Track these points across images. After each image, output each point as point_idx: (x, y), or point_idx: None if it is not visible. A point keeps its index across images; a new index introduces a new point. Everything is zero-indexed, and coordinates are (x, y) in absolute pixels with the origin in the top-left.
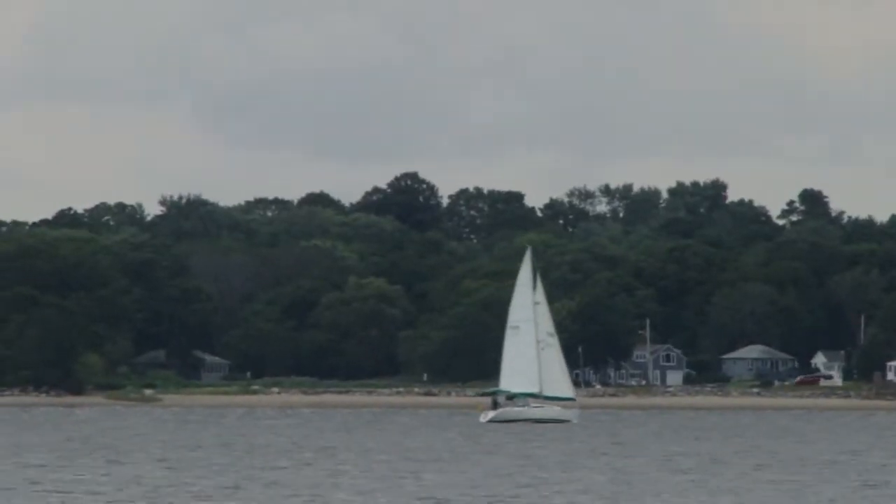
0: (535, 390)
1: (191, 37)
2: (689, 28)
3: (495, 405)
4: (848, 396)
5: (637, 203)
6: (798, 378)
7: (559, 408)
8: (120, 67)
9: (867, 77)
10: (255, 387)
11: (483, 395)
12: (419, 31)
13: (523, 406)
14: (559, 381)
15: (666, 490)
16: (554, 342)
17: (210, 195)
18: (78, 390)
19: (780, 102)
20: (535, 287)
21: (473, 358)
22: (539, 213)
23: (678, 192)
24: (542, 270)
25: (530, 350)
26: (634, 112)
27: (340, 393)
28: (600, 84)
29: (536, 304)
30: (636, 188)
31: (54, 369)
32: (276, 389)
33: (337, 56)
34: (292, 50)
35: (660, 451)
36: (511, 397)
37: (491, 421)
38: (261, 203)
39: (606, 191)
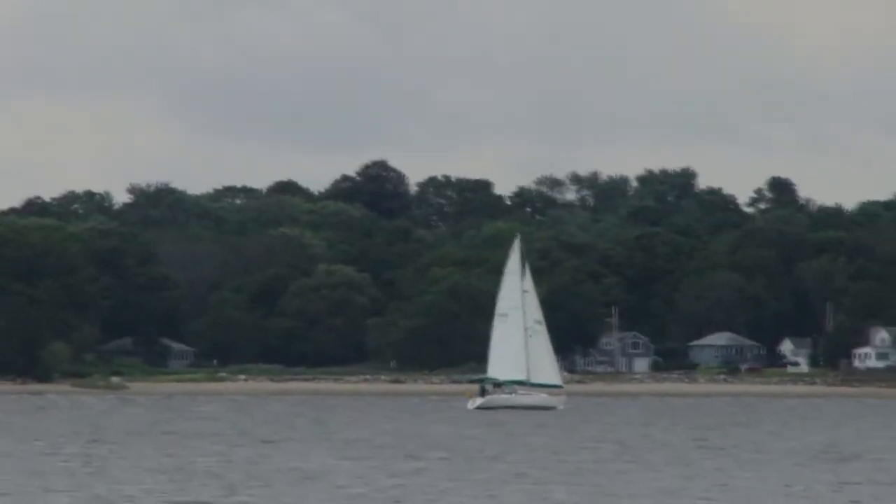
0: (522, 378)
1: (160, 25)
2: (659, 17)
3: (483, 392)
4: (814, 383)
5: (605, 191)
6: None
7: (546, 395)
8: (89, 56)
9: (836, 66)
10: (222, 374)
11: (470, 382)
12: (389, 20)
13: (511, 393)
14: (547, 368)
15: None
16: (542, 330)
17: (179, 183)
18: (45, 378)
19: (750, 91)
20: (523, 275)
21: (442, 346)
22: (507, 202)
23: (647, 180)
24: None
25: (518, 338)
26: (604, 100)
27: (307, 380)
28: (569, 72)
29: (524, 292)
30: (604, 176)
31: (21, 357)
32: (242, 377)
33: (307, 44)
34: (262, 38)
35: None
36: (499, 385)
37: (479, 408)
38: (229, 191)
39: (575, 179)
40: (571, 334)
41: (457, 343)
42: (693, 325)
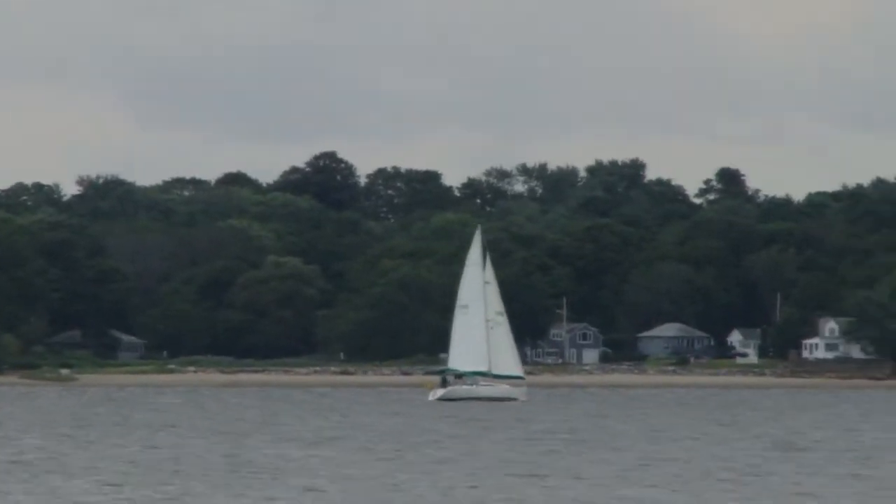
0: (484, 369)
1: (111, 17)
2: (610, 7)
3: (444, 383)
4: (763, 374)
5: (554, 182)
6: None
7: (507, 386)
8: (39, 47)
9: (786, 57)
10: (171, 366)
11: (432, 373)
12: (339, 9)
13: (472, 385)
14: (508, 359)
15: None
16: (503, 321)
17: (128, 175)
18: None
19: (699, 82)
20: (484, 267)
21: (391, 337)
22: (457, 193)
23: (596, 170)
24: (458, 249)
25: (480, 329)
26: (554, 91)
27: (257, 372)
28: (520, 63)
29: (486, 283)
30: (554, 167)
31: None
32: (192, 368)
33: (256, 34)
34: (211, 29)
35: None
36: (460, 376)
37: (440, 399)
38: (178, 183)
39: (523, 170)
40: (521, 326)
41: (406, 335)
42: (642, 317)
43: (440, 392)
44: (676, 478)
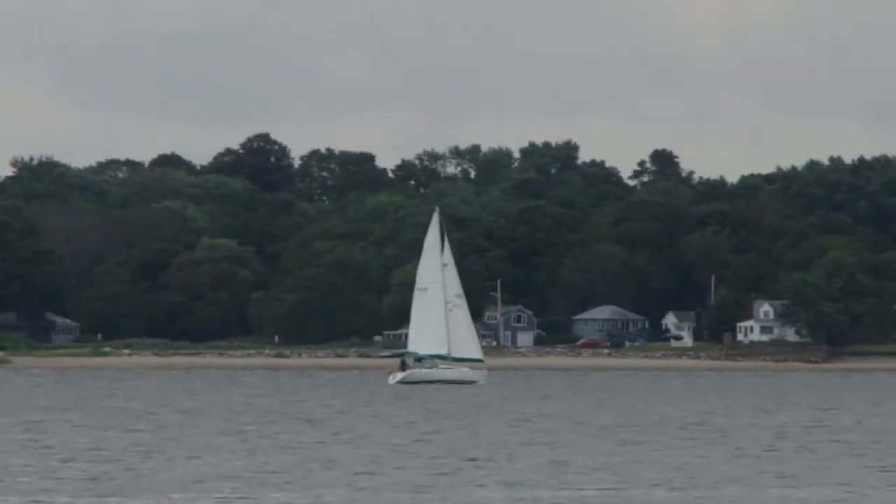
0: (443, 352)
1: None
2: None
3: (403, 366)
4: (698, 357)
5: (488, 164)
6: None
7: (467, 369)
8: None
9: (721, 39)
10: (107, 349)
11: (391, 356)
12: None
13: (431, 367)
14: (467, 342)
15: None
16: (462, 304)
17: (62, 157)
18: None
19: (633, 63)
20: (442, 249)
21: (325, 319)
22: (390, 175)
23: (529, 152)
24: (392, 231)
25: (438, 312)
26: (488, 73)
27: (192, 355)
28: (453, 45)
29: (444, 265)
30: (487, 149)
31: None
32: (127, 351)
33: (191, 16)
34: (146, 11)
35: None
36: (419, 359)
37: (399, 382)
38: (112, 164)
39: (455, 152)
40: None
41: (341, 317)
42: (577, 299)
43: (400, 375)
44: None
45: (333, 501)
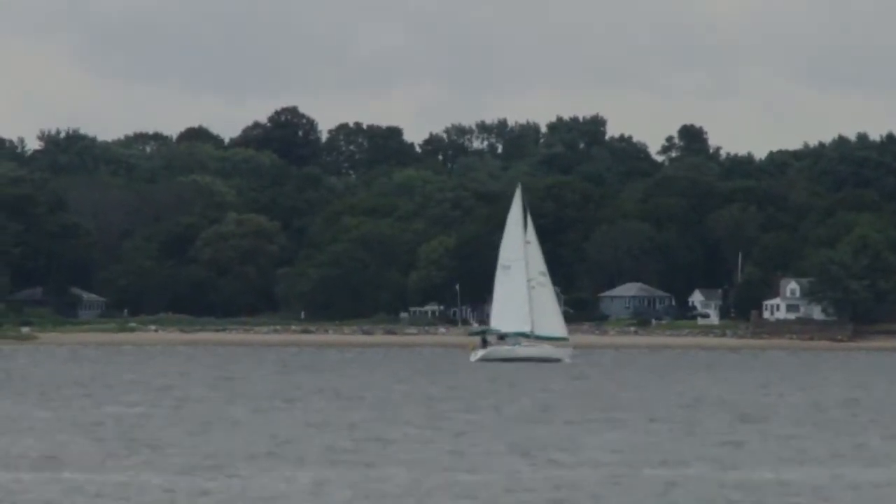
0: (526, 330)
1: None
2: None
3: (485, 343)
4: (724, 335)
5: (515, 139)
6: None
7: (550, 347)
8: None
9: (749, 12)
10: (133, 325)
11: (472, 334)
12: None
13: (514, 345)
14: (551, 320)
15: None
16: (546, 281)
17: (91, 130)
18: None
19: (661, 38)
20: (525, 226)
21: (351, 295)
22: (418, 149)
23: (557, 127)
24: (420, 207)
25: (521, 290)
26: (516, 47)
27: (217, 331)
28: (481, 19)
29: (527, 243)
30: (514, 123)
31: None
32: (153, 327)
33: None
34: None
35: None
36: (502, 336)
37: (481, 359)
38: (140, 138)
39: (483, 127)
40: (482, 285)
41: (367, 293)
42: (603, 276)
43: (481, 352)
44: None
45: None
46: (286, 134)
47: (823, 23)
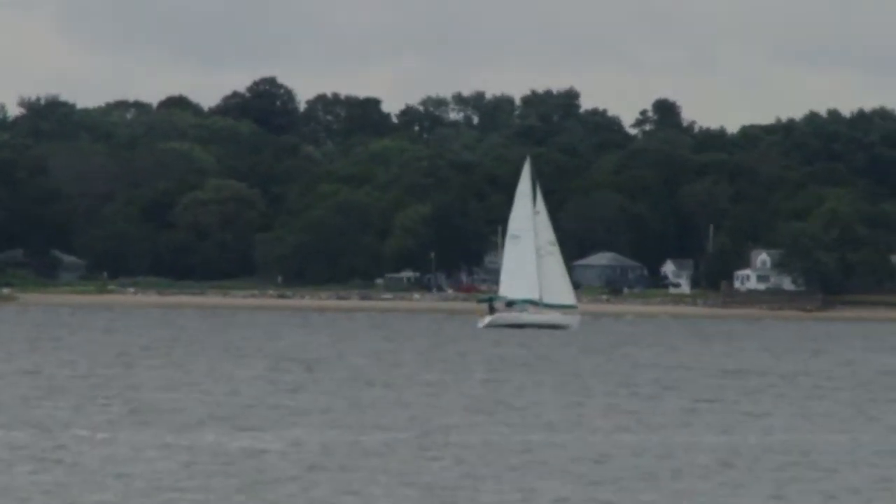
0: (534, 297)
1: None
2: None
3: (492, 310)
4: (695, 304)
5: (490, 111)
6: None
7: (558, 314)
8: None
9: None
10: (112, 287)
11: (480, 301)
12: None
13: (521, 312)
14: (560, 288)
15: None
16: (555, 251)
17: (70, 97)
18: None
19: (635, 12)
20: (534, 197)
21: (328, 261)
22: (394, 120)
23: (532, 100)
24: (396, 176)
25: (530, 258)
26: (492, 21)
27: (196, 294)
28: None
29: (536, 213)
30: (490, 96)
31: None
32: (131, 290)
33: None
34: None
35: None
36: (510, 303)
37: (488, 326)
38: (120, 105)
39: (458, 99)
40: (457, 252)
41: (344, 259)
42: (577, 245)
43: (488, 319)
44: None
45: None
46: (264, 103)
47: (797, 0)
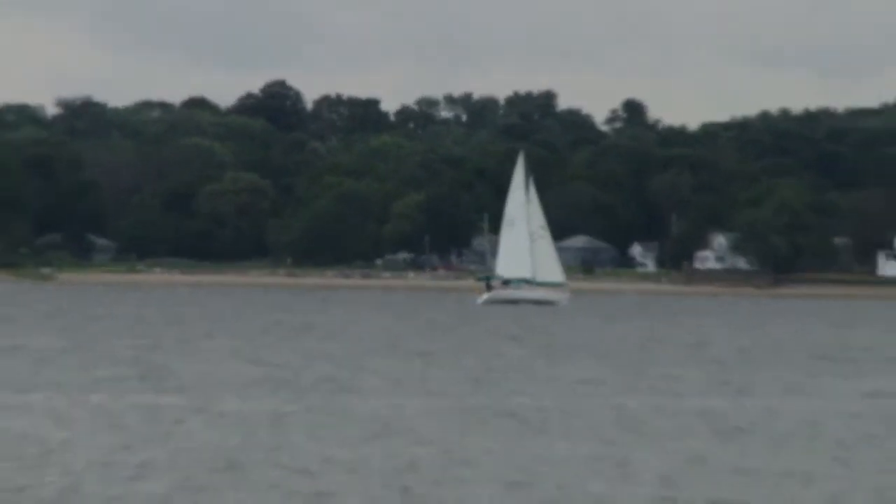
0: (528, 276)
1: None
2: None
3: (489, 288)
4: (660, 282)
5: (478, 110)
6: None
7: (548, 290)
8: None
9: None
10: (140, 267)
11: (479, 280)
12: None
13: (516, 289)
14: (551, 267)
15: None
16: (545, 234)
17: (101, 97)
18: None
19: (609, 22)
20: (527, 188)
21: (332, 244)
22: (392, 118)
23: (514, 100)
24: (393, 168)
25: (524, 242)
26: (479, 29)
27: (215, 273)
28: (453, 2)
29: (529, 202)
30: (478, 96)
31: None
32: (157, 269)
33: None
34: None
35: None
36: (506, 282)
37: (486, 302)
38: (147, 105)
39: (449, 99)
40: (448, 236)
41: (346, 242)
42: (554, 230)
43: (485, 296)
44: None
45: None
46: (276, 103)
47: (754, 6)
